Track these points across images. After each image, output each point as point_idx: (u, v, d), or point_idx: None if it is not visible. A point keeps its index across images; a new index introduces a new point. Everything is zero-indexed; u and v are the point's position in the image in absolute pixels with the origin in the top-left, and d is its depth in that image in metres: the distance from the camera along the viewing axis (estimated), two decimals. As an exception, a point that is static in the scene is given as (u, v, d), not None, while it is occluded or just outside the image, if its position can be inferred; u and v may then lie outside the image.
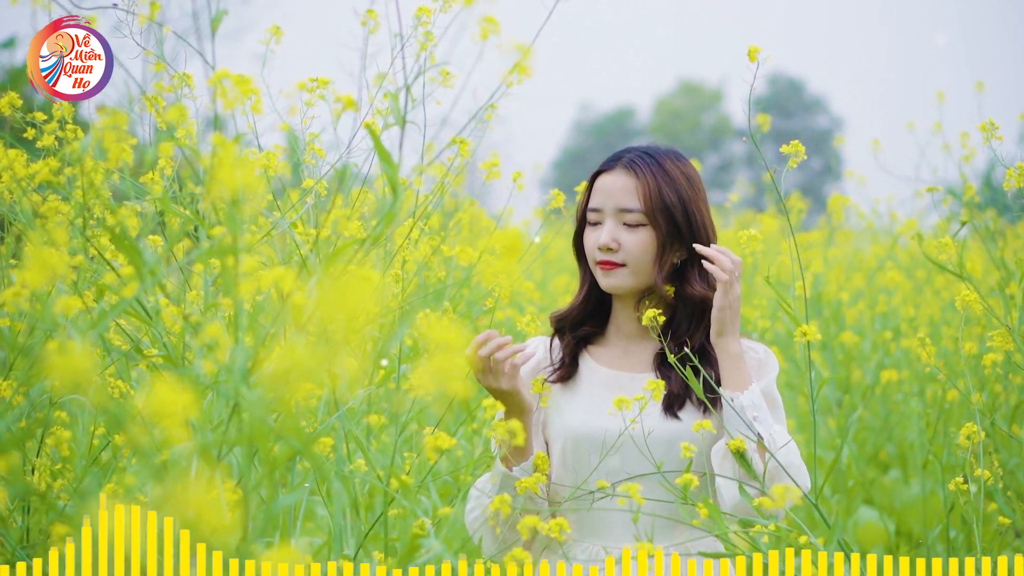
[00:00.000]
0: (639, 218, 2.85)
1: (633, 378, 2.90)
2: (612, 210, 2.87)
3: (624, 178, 2.87)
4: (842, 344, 5.61)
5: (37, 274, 1.53)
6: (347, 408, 2.75)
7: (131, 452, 1.94)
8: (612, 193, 2.87)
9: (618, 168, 2.89)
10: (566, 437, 2.87)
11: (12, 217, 2.51)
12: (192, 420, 2.05)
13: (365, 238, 2.32)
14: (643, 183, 2.84)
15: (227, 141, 2.06)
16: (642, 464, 2.78)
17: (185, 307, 2.26)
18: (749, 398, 2.75)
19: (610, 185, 2.88)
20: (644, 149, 2.90)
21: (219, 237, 2.22)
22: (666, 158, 2.89)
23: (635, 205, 2.84)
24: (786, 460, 2.70)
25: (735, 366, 2.78)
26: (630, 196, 2.85)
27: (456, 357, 1.36)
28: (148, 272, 2.04)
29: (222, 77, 2.01)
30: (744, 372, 2.78)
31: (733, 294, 2.78)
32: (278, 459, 2.14)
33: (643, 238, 2.85)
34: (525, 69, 1.91)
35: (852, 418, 4.72)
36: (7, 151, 2.66)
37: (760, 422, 2.72)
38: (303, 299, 1.63)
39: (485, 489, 2.86)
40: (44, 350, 1.70)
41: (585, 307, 2.98)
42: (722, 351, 2.79)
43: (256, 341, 1.68)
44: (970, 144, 4.90)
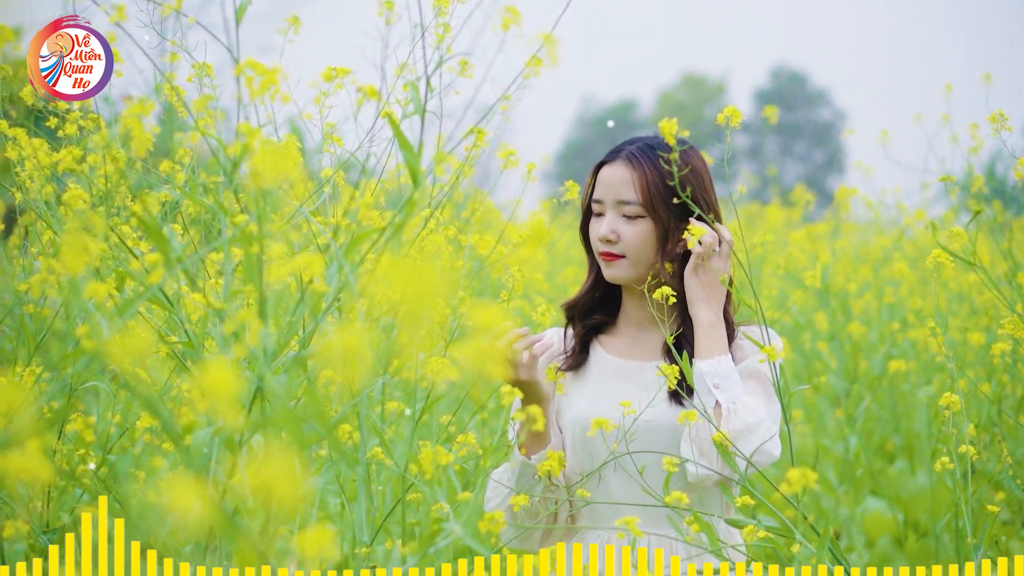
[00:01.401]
0: (637, 210, 2.87)
1: (641, 367, 2.93)
2: (612, 202, 2.90)
3: (623, 170, 2.90)
4: (850, 335, 5.64)
5: (75, 260, 1.55)
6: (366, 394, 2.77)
7: (161, 434, 1.96)
8: (612, 185, 2.90)
9: (619, 160, 2.92)
10: (575, 425, 2.91)
11: (35, 207, 2.53)
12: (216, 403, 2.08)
13: (385, 226, 2.35)
14: (641, 175, 2.87)
15: (255, 129, 2.09)
16: (645, 451, 2.82)
17: (208, 294, 2.28)
18: (712, 366, 2.79)
19: (610, 177, 2.91)
20: (647, 141, 2.93)
21: (242, 225, 2.25)
22: (669, 149, 2.91)
23: (633, 197, 2.87)
24: (742, 426, 2.73)
25: (704, 335, 2.82)
26: (628, 188, 2.88)
27: (499, 340, 1.38)
28: (176, 259, 2.07)
29: (248, 66, 2.03)
30: (714, 341, 2.82)
31: (707, 267, 2.82)
32: (303, 442, 2.17)
33: (642, 230, 2.88)
34: (553, 58, 1.93)
35: (860, 408, 4.74)
36: (30, 140, 2.69)
37: (722, 390, 2.76)
38: (374, 282, 1.65)
39: (502, 479, 2.90)
40: (78, 334, 1.72)
41: (593, 295, 3.02)
42: (694, 319, 2.84)
43: (309, 325, 1.71)
44: (979, 135, 4.92)
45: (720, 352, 2.81)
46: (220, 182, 2.30)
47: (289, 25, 3.13)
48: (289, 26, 3.13)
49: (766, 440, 2.74)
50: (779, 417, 2.89)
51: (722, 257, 2.84)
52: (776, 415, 2.87)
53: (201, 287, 2.28)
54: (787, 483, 2.21)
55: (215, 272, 2.69)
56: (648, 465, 2.80)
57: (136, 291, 2.08)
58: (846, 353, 5.64)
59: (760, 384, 2.88)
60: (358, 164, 2.51)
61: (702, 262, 2.82)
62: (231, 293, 2.29)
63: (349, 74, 2.70)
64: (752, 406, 2.77)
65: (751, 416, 2.75)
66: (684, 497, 2.68)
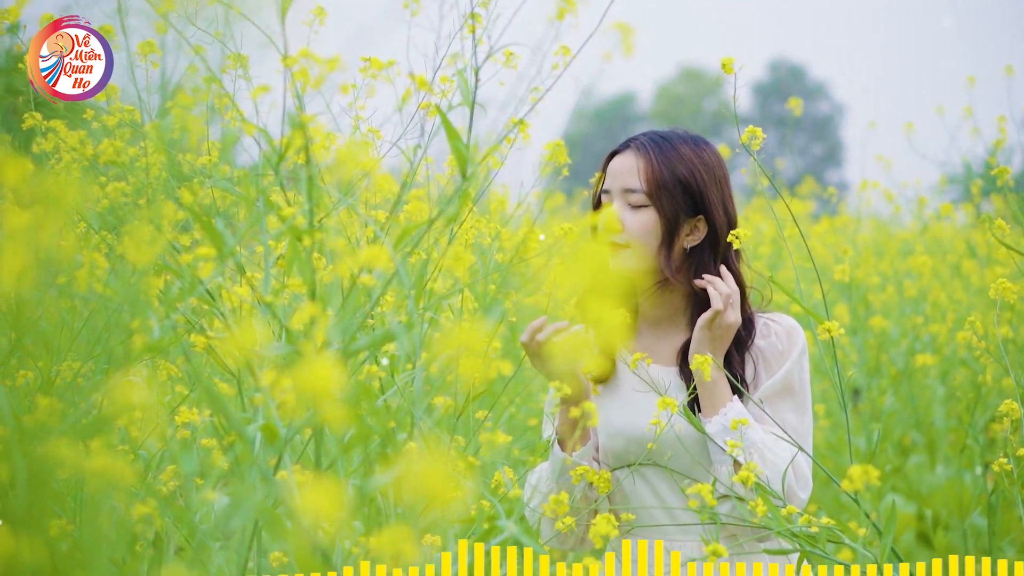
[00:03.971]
0: (642, 199, 2.81)
1: (661, 370, 2.87)
2: (618, 191, 2.85)
3: (631, 159, 2.84)
4: (871, 328, 5.60)
5: (143, 253, 1.51)
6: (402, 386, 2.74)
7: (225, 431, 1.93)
8: (619, 174, 2.85)
9: (628, 149, 2.87)
10: (606, 436, 2.86)
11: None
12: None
13: (434, 218, 2.31)
14: (647, 163, 2.81)
15: (309, 120, 2.05)
16: (673, 462, 2.77)
17: (255, 287, 2.25)
18: (719, 423, 2.72)
19: (618, 166, 2.86)
20: (660, 132, 2.88)
21: (292, 218, 2.21)
22: (682, 142, 2.85)
23: (637, 185, 2.82)
24: (770, 469, 2.66)
25: (706, 392, 2.75)
26: (633, 176, 2.82)
27: (608, 332, 1.35)
28: (228, 252, 2.03)
29: (303, 56, 1.99)
30: (716, 397, 2.75)
31: (721, 322, 2.76)
32: (353, 440, 2.13)
33: (646, 219, 2.81)
34: (627, 47, 1.90)
35: (887, 403, 4.71)
36: (68, 132, 2.65)
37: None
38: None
39: (543, 478, 2.85)
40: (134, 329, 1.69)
41: None
42: (694, 373, 2.75)
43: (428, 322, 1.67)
44: (1006, 128, 4.89)
45: (723, 402, 2.75)
46: (269, 174, 2.26)
47: (314, 16, 3.09)
48: (314, 17, 3.09)
49: (797, 474, 2.68)
50: (811, 427, 2.83)
51: (735, 308, 2.78)
52: (808, 428, 2.81)
53: (249, 280, 2.24)
54: (848, 480, 2.17)
55: (257, 266, 2.65)
56: (685, 469, 2.76)
57: (186, 283, 2.04)
58: (868, 347, 5.60)
59: (790, 399, 2.81)
60: (406, 157, 2.47)
61: (717, 315, 2.75)
62: (280, 287, 2.25)
63: (393, 65, 2.66)
64: (772, 444, 2.71)
65: (772, 455, 2.69)
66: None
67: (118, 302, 1.71)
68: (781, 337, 2.86)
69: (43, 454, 1.34)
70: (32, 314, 2.47)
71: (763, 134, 2.73)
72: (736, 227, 2.86)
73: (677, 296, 2.87)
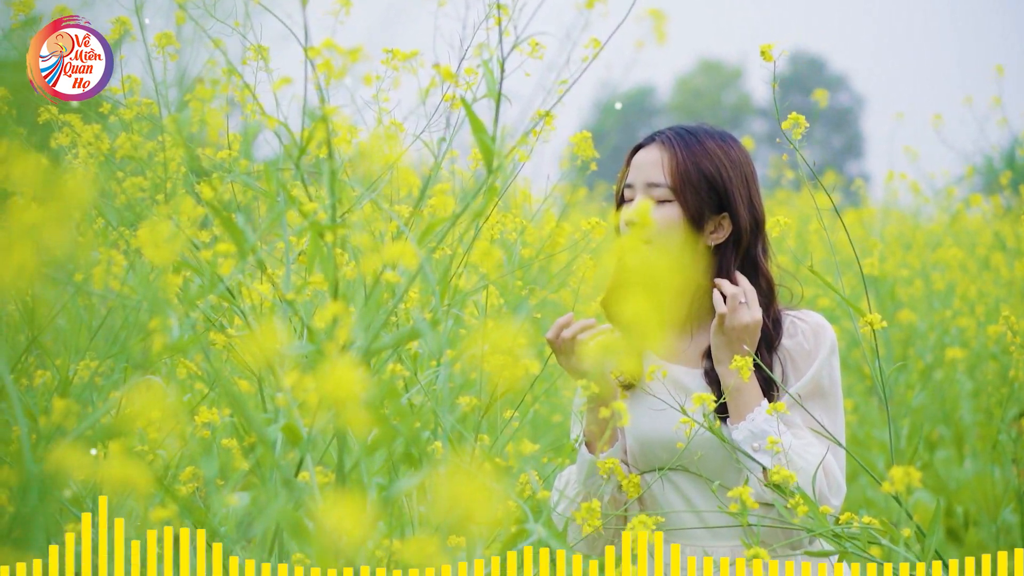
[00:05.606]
0: (665, 193, 2.74)
1: (687, 372, 2.81)
2: (641, 185, 2.78)
3: (656, 153, 2.77)
4: (899, 323, 5.53)
5: (161, 250, 1.46)
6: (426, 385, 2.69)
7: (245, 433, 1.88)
8: (643, 168, 2.78)
9: (653, 143, 2.80)
10: (635, 440, 2.80)
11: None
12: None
13: (459, 213, 2.25)
14: (672, 157, 2.74)
15: (332, 108, 2.00)
16: (702, 466, 2.71)
17: (277, 284, 2.19)
18: (747, 429, 2.66)
19: (642, 160, 2.79)
20: (687, 126, 2.81)
21: (313, 214, 2.15)
22: (708, 137, 2.78)
23: (661, 179, 2.75)
24: (802, 475, 2.59)
25: (732, 399, 2.68)
26: (657, 170, 2.75)
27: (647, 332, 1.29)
28: (249, 249, 1.98)
29: (327, 47, 1.94)
30: (742, 403, 2.68)
31: (731, 324, 2.69)
32: (376, 443, 2.08)
33: (669, 214, 2.74)
34: (660, 34, 1.84)
35: (917, 398, 4.63)
36: (83, 126, 2.61)
37: (764, 452, 2.62)
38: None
39: (570, 481, 2.79)
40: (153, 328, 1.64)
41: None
42: (721, 380, 2.70)
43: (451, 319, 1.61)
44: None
45: (752, 407, 2.68)
46: (290, 169, 2.20)
47: (340, 6, 3.04)
48: (340, 7, 3.04)
49: (829, 480, 2.61)
50: (843, 428, 2.76)
51: (752, 306, 2.71)
52: (840, 429, 2.74)
53: (270, 277, 2.19)
54: (890, 482, 2.11)
55: (278, 262, 2.60)
56: (713, 474, 2.70)
57: (206, 281, 1.99)
58: (895, 341, 5.53)
59: (821, 400, 2.74)
60: (430, 150, 2.41)
61: (726, 320, 2.68)
62: (302, 284, 2.20)
63: (416, 55, 2.61)
64: (801, 450, 2.65)
65: (802, 461, 2.62)
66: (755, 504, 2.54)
67: (136, 300, 1.66)
68: (808, 336, 2.78)
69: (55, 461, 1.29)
70: (49, 312, 2.43)
71: (806, 123, 2.65)
72: (764, 226, 2.80)
73: (701, 296, 2.81)
